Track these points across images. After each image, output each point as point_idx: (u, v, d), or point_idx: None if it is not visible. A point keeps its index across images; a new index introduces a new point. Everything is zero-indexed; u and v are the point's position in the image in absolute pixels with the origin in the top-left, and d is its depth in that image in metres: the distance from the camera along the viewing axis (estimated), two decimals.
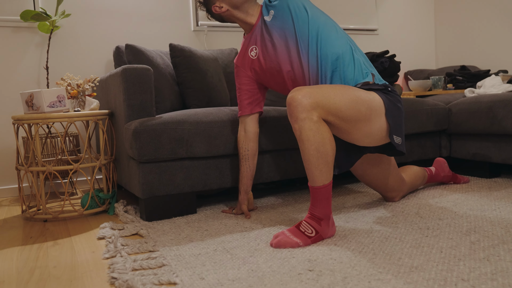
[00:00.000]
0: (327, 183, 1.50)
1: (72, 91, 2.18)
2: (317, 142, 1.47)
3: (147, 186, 1.87)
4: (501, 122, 2.26)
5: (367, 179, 1.95)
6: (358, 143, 1.67)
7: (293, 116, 1.49)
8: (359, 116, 1.57)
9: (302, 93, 1.48)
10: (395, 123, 1.68)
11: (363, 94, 1.60)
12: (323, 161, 1.48)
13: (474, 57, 3.81)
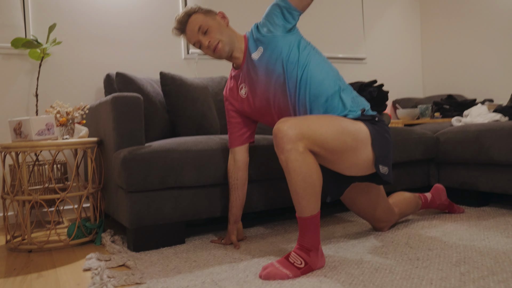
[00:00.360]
0: (315, 213, 1.50)
1: (61, 119, 2.17)
2: (304, 173, 1.47)
3: (135, 216, 1.84)
4: (488, 151, 2.29)
5: (356, 208, 1.95)
6: (344, 173, 1.68)
7: (279, 147, 1.49)
8: (345, 147, 1.58)
9: (288, 124, 1.48)
10: (381, 153, 1.68)
11: (350, 125, 1.61)
12: (310, 191, 1.48)
13: (460, 86, 3.88)
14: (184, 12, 1.82)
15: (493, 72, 3.60)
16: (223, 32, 1.78)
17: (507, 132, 2.22)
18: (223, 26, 1.80)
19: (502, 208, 2.40)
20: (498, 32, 3.54)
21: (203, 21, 1.77)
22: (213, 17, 1.80)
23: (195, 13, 1.80)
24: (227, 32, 1.79)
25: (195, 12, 1.80)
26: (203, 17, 1.78)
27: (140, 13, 3.02)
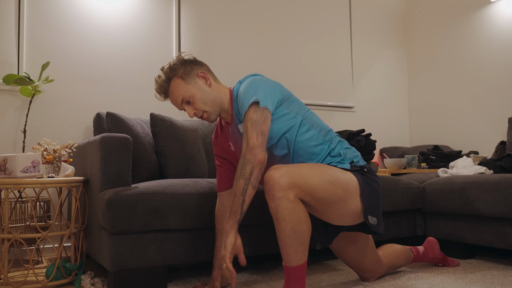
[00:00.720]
0: (301, 263, 1.48)
1: (48, 157, 2.15)
2: (293, 221, 1.46)
3: (117, 259, 1.80)
4: (473, 203, 2.30)
5: (343, 257, 1.93)
6: (333, 222, 1.67)
7: (269, 194, 1.48)
8: (335, 198, 1.58)
9: (280, 172, 1.48)
10: (370, 203, 1.68)
11: (340, 175, 1.62)
12: (298, 241, 1.47)
13: (446, 137, 3.94)
14: (163, 76, 1.75)
15: (478, 125, 3.68)
16: (207, 100, 1.73)
17: (492, 185, 2.24)
18: (206, 91, 1.74)
19: (488, 261, 2.39)
20: (483, 86, 3.64)
21: (184, 90, 1.72)
22: (194, 83, 1.74)
23: (174, 76, 1.73)
24: (211, 98, 1.74)
25: (174, 75, 1.73)
26: (183, 85, 1.72)
27: (133, 54, 3.06)
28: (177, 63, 1.75)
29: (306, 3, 3.79)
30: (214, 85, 1.78)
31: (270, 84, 1.69)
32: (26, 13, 2.75)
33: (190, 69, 1.75)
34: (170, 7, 3.21)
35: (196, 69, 1.77)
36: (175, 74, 1.73)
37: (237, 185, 1.55)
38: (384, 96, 4.21)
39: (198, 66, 1.78)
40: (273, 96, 1.65)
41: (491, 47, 3.59)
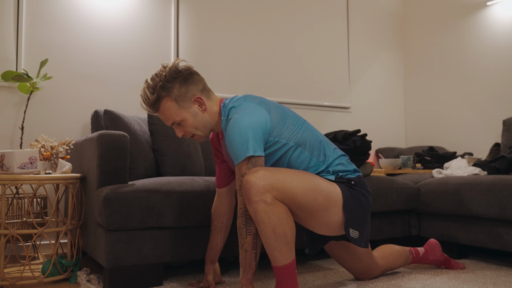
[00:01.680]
0: (289, 262, 1.46)
1: (45, 153, 2.14)
2: (273, 224, 1.43)
3: (113, 255, 1.79)
4: (467, 204, 2.31)
5: (336, 258, 1.91)
6: (315, 231, 1.64)
7: (247, 198, 1.45)
8: (316, 205, 1.53)
9: (257, 175, 1.44)
10: (352, 216, 1.62)
11: (323, 183, 1.57)
12: (282, 242, 1.44)
13: (441, 138, 3.95)
14: (154, 95, 1.63)
15: (472, 127, 3.69)
16: (199, 125, 1.68)
17: (486, 186, 2.25)
18: (199, 117, 1.67)
19: (481, 261, 2.40)
20: (478, 89, 3.65)
21: (176, 114, 1.64)
22: (188, 107, 1.65)
23: (167, 97, 1.63)
24: (203, 123, 1.69)
25: (167, 95, 1.63)
26: (176, 109, 1.64)
27: (131, 53, 3.06)
28: (170, 79, 1.63)
29: (304, 5, 3.79)
30: (208, 107, 1.70)
31: (257, 121, 1.55)
32: (25, 10, 2.74)
33: (185, 91, 1.64)
34: (168, 6, 3.20)
35: (192, 90, 1.66)
36: (168, 94, 1.63)
37: (246, 241, 1.52)
38: (380, 97, 4.21)
39: (194, 86, 1.67)
40: (262, 137, 1.55)
41: (486, 50, 3.59)
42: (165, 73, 1.64)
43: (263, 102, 1.65)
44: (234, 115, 1.57)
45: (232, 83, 3.40)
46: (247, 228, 1.53)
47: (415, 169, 3.29)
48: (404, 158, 3.32)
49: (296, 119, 1.70)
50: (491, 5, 3.56)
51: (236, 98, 1.69)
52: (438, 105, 3.99)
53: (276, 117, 1.63)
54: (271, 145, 1.60)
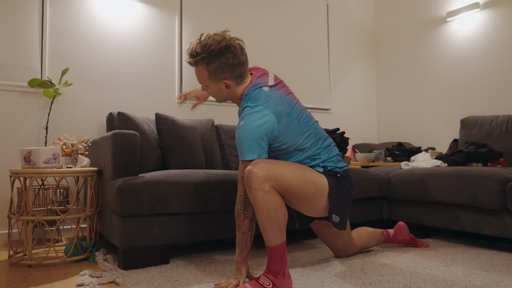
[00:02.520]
0: (279, 243, 1.47)
1: (66, 150, 2.12)
2: (269, 209, 1.45)
3: (126, 238, 1.79)
4: (430, 192, 2.32)
5: (320, 235, 1.93)
6: (303, 213, 1.67)
7: (248, 185, 1.47)
8: (307, 193, 1.56)
9: (258, 167, 1.46)
10: (335, 204, 1.64)
11: (314, 175, 1.60)
12: (275, 225, 1.46)
13: (408, 135, 3.97)
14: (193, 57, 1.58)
15: (435, 125, 3.71)
16: (219, 96, 1.66)
17: (446, 176, 2.26)
18: (221, 92, 1.64)
19: (442, 240, 2.41)
20: (439, 92, 3.67)
21: (204, 80, 1.62)
22: (216, 82, 1.62)
23: (203, 63, 1.58)
24: (224, 96, 1.66)
25: (203, 63, 1.57)
26: (205, 76, 1.60)
27: (141, 63, 3.04)
28: (215, 56, 1.54)
29: (292, 21, 3.78)
30: (233, 89, 1.64)
31: (266, 128, 1.52)
32: (48, 25, 2.71)
33: (220, 71, 1.58)
34: (173, 21, 3.18)
35: (226, 73, 1.59)
36: (205, 63, 1.57)
37: (243, 224, 1.56)
38: (356, 99, 4.22)
39: (230, 72, 1.59)
40: (266, 142, 1.53)
41: (446, 59, 3.61)
42: (214, 48, 1.54)
43: (276, 111, 1.56)
44: (247, 116, 1.53)
45: None
46: (245, 213, 1.56)
47: (386, 162, 3.30)
48: (377, 153, 3.34)
49: (301, 126, 1.63)
50: (450, 21, 3.58)
51: (256, 94, 1.58)
52: (405, 106, 4.01)
53: (283, 125, 1.58)
54: (273, 147, 1.62)
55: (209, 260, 1.99)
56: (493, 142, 2.78)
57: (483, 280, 1.59)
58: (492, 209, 2.04)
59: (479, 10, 3.33)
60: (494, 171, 2.09)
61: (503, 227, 2.01)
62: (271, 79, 1.68)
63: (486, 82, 3.29)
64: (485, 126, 2.90)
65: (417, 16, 3.91)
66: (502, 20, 3.18)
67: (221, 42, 1.55)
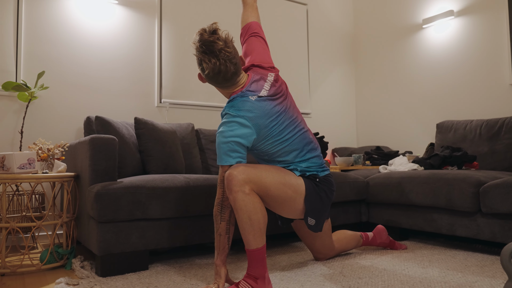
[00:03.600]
0: (260, 246, 1.48)
1: (42, 155, 2.08)
2: (249, 211, 1.46)
3: (104, 244, 1.76)
4: (407, 195, 2.37)
5: (300, 234, 1.95)
6: (282, 215, 1.70)
7: (228, 188, 1.48)
8: (285, 196, 1.59)
9: (238, 170, 1.49)
10: (311, 207, 1.66)
11: (293, 179, 1.62)
12: (255, 227, 1.47)
13: (386, 139, 4.04)
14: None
15: (412, 129, 3.79)
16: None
17: (423, 179, 2.31)
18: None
19: (419, 242, 2.46)
20: (416, 97, 3.75)
21: None
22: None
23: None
24: None
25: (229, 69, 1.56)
26: None
27: (119, 66, 3.00)
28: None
29: (272, 26, 3.81)
30: None
31: (243, 136, 1.54)
32: (24, 26, 2.65)
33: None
34: (152, 25, 3.16)
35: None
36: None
37: (220, 227, 1.57)
38: (335, 104, 4.27)
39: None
40: (245, 148, 1.55)
41: (422, 65, 3.70)
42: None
43: (256, 124, 1.56)
44: (227, 123, 1.54)
45: (209, 92, 3.39)
46: (221, 215, 1.57)
47: (365, 166, 3.35)
48: (356, 156, 3.38)
49: (282, 139, 1.62)
50: (426, 27, 3.67)
51: (241, 103, 1.57)
52: (383, 111, 4.08)
53: (262, 135, 1.58)
54: (254, 151, 1.66)
55: (189, 265, 1.98)
56: (468, 146, 2.86)
57: (458, 281, 1.63)
58: (467, 211, 2.10)
59: (453, 17, 3.43)
60: (468, 174, 2.15)
61: (477, 228, 2.07)
62: (266, 87, 1.64)
63: (461, 87, 3.38)
64: (460, 130, 2.98)
65: (394, 23, 3.99)
66: (475, 27, 3.28)
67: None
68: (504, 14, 3.07)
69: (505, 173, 2.38)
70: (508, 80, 3.04)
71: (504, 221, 1.97)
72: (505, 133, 2.68)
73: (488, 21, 3.19)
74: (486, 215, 2.04)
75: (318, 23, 4.20)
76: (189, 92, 3.26)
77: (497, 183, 1.98)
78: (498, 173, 2.32)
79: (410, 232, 2.81)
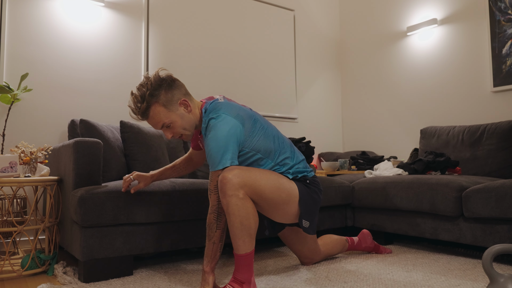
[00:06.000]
0: (249, 251, 1.47)
1: (25, 158, 2.04)
2: (242, 216, 1.45)
3: (88, 249, 1.73)
4: (392, 199, 2.39)
5: (287, 242, 1.95)
6: (275, 219, 1.69)
7: (222, 192, 1.47)
8: (279, 200, 1.59)
9: (233, 173, 1.47)
10: (306, 210, 1.68)
11: (286, 183, 1.63)
12: (246, 233, 1.46)
13: (372, 144, 4.08)
14: (144, 103, 1.56)
15: (397, 135, 3.84)
16: (187, 125, 1.64)
17: (407, 184, 2.34)
18: (186, 118, 1.63)
19: (403, 246, 2.48)
20: (400, 103, 3.80)
21: (166, 117, 1.59)
22: (175, 110, 1.60)
23: (156, 103, 1.57)
24: (191, 123, 1.65)
25: (156, 101, 1.57)
26: (165, 112, 1.58)
27: (105, 68, 2.97)
28: (156, 87, 1.57)
29: (259, 31, 3.82)
30: (193, 109, 1.65)
31: (234, 134, 1.54)
32: (7, 27, 2.61)
33: (171, 96, 1.59)
34: (139, 28, 3.14)
35: (177, 94, 1.61)
36: (156, 101, 1.57)
37: (215, 235, 1.53)
38: (322, 109, 4.30)
39: (178, 91, 1.62)
40: (236, 148, 1.55)
41: (407, 71, 3.75)
42: (151, 82, 1.58)
43: (238, 116, 1.59)
44: (214, 127, 1.53)
45: (195, 95, 3.38)
46: (217, 223, 1.54)
47: (351, 170, 3.38)
48: (342, 161, 3.41)
49: (264, 129, 1.66)
50: (411, 35, 3.73)
51: (215, 105, 1.61)
52: (369, 116, 4.12)
53: (248, 130, 1.60)
54: (242, 154, 1.63)
55: (175, 270, 1.96)
56: (450, 151, 2.90)
57: (441, 284, 1.65)
58: (449, 215, 2.13)
59: (437, 25, 3.49)
60: (451, 179, 2.18)
61: (459, 233, 2.10)
62: (220, 96, 1.71)
63: (444, 94, 3.44)
64: (443, 136, 3.03)
65: (379, 30, 4.05)
66: (458, 35, 3.35)
67: (151, 79, 1.60)
68: (486, 23, 3.14)
69: (486, 178, 2.43)
70: (489, 87, 3.11)
71: (485, 225, 2.00)
72: (486, 139, 2.73)
73: (470, 30, 3.26)
74: (468, 220, 2.07)
75: (305, 29, 4.23)
76: None
77: (479, 188, 2.02)
78: (479, 178, 2.36)
79: (395, 236, 2.84)
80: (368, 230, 2.60)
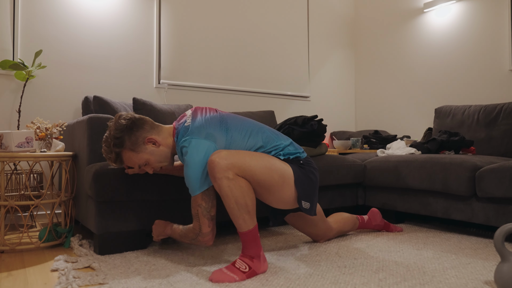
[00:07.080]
0: (251, 228, 1.48)
1: (40, 134, 2.07)
2: (235, 196, 1.44)
3: (102, 223, 1.77)
4: (404, 178, 2.38)
5: (296, 227, 1.94)
6: (273, 206, 1.64)
7: (212, 175, 1.46)
8: (272, 181, 1.54)
9: (220, 156, 1.45)
10: (304, 191, 1.63)
11: (278, 163, 1.57)
12: (244, 211, 1.46)
13: (385, 123, 4.04)
14: (113, 154, 1.59)
15: (410, 114, 3.78)
16: (161, 158, 1.65)
17: (419, 164, 2.32)
18: (157, 153, 1.63)
19: (414, 225, 2.48)
20: (415, 82, 3.74)
21: (138, 158, 1.61)
22: (144, 149, 1.61)
23: (123, 149, 1.60)
24: (164, 155, 1.65)
25: (123, 148, 1.59)
26: (135, 155, 1.60)
27: (119, 46, 2.97)
28: (119, 134, 1.58)
29: (272, 9, 3.76)
30: (162, 141, 1.64)
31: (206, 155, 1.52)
32: (21, 4, 2.61)
33: (135, 139, 1.59)
34: (151, 5, 3.12)
35: (141, 135, 1.60)
36: (123, 148, 1.59)
37: (192, 242, 1.61)
38: (334, 88, 4.26)
39: (141, 131, 1.61)
40: None
41: (422, 49, 3.67)
42: (112, 132, 1.59)
43: (208, 135, 1.56)
44: (187, 156, 1.53)
45: (208, 74, 3.37)
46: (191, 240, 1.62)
47: (363, 149, 3.36)
48: (354, 140, 3.39)
49: (239, 130, 1.63)
50: (428, 11, 3.63)
51: (184, 130, 1.60)
52: (382, 95, 4.07)
53: (222, 142, 1.58)
54: None
55: (187, 244, 2.00)
56: (465, 131, 2.86)
57: (452, 262, 1.65)
58: (462, 195, 2.11)
59: (455, 1, 3.39)
60: (465, 159, 2.16)
61: (472, 212, 2.09)
62: (189, 114, 1.66)
63: (460, 72, 3.37)
64: (458, 115, 2.98)
65: (395, 7, 3.95)
66: (476, 12, 3.25)
67: (112, 128, 1.60)
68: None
69: (501, 158, 2.39)
70: (507, 66, 3.03)
71: (498, 206, 1.98)
72: (503, 119, 2.68)
73: (489, 6, 3.16)
74: (481, 199, 2.06)
75: (319, 7, 4.15)
76: (188, 74, 3.24)
77: (493, 168, 1.99)
78: (494, 158, 2.33)
79: (406, 216, 2.84)
80: (379, 209, 2.61)
